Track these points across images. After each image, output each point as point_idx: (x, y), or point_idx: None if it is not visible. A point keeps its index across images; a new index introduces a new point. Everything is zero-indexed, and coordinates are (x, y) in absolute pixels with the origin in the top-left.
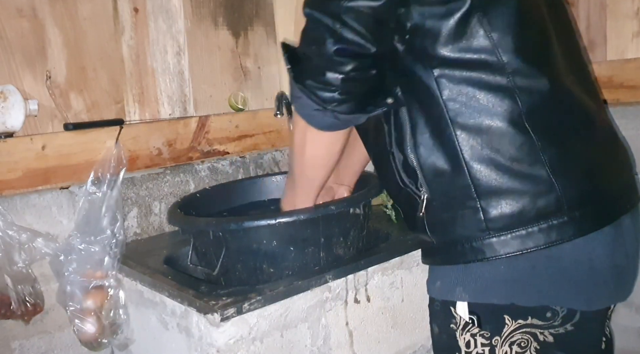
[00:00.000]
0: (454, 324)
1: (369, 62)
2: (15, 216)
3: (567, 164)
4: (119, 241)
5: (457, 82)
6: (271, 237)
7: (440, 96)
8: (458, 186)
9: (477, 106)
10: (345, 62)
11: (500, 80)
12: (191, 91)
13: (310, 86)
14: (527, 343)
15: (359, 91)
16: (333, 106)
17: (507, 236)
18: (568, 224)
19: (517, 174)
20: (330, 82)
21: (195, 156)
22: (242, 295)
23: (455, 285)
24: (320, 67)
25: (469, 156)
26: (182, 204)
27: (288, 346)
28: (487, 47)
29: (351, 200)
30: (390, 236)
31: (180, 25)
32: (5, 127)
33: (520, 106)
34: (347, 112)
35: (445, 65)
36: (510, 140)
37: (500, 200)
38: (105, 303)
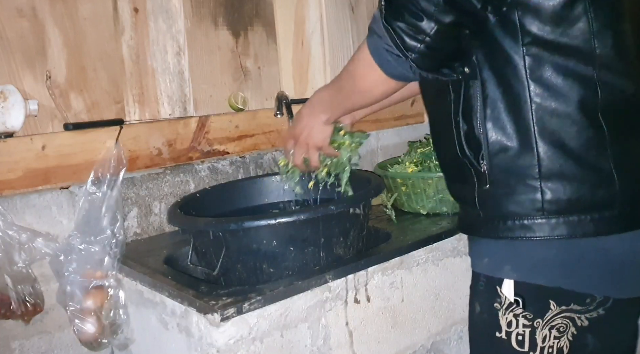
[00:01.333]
0: (498, 303)
1: (469, 21)
2: (15, 216)
3: (629, 162)
4: (119, 241)
5: (545, 63)
6: (271, 238)
7: (526, 73)
8: (522, 164)
9: (559, 90)
10: (449, 12)
11: (587, 71)
12: (191, 91)
13: (399, 29)
14: (565, 328)
15: (445, 47)
16: (413, 57)
17: (559, 219)
18: (618, 218)
19: (582, 162)
20: (424, 30)
21: (195, 156)
22: (242, 295)
23: (504, 262)
24: (421, 11)
25: (541, 137)
26: (182, 204)
27: (288, 346)
28: (585, 36)
29: (351, 200)
30: (390, 236)
31: (180, 25)
32: (5, 127)
33: (600, 99)
34: (423, 68)
35: (538, 44)
36: (582, 129)
37: (561, 184)
38: (105, 303)
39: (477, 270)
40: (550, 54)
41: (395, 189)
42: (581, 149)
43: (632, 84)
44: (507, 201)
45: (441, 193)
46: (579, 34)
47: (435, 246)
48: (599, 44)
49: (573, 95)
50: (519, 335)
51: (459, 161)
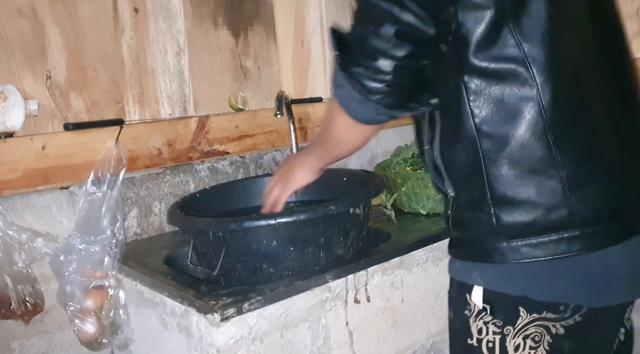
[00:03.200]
0: (468, 310)
1: (425, 50)
2: (15, 216)
3: (585, 182)
4: (119, 241)
5: (485, 90)
6: (271, 238)
7: (468, 102)
8: (477, 190)
9: (502, 115)
10: (403, 45)
11: (528, 92)
12: (191, 91)
13: (357, 74)
14: (540, 337)
15: (407, 82)
16: (378, 98)
17: (517, 243)
18: (579, 238)
19: (533, 185)
20: (381, 70)
21: (195, 156)
22: (242, 295)
23: (473, 269)
24: (375, 51)
25: (489, 163)
26: (182, 204)
27: (288, 346)
28: (517, 57)
29: (351, 200)
30: (390, 236)
31: (180, 25)
32: (5, 127)
33: (546, 119)
34: (390, 106)
35: (475, 72)
36: (531, 152)
37: (514, 209)
38: (105, 303)
39: (450, 274)
40: (488, 80)
41: (395, 189)
42: (531, 172)
43: (577, 98)
44: (471, 225)
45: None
46: (511, 56)
47: (435, 246)
48: (533, 64)
49: (518, 118)
50: (489, 342)
51: (436, 185)
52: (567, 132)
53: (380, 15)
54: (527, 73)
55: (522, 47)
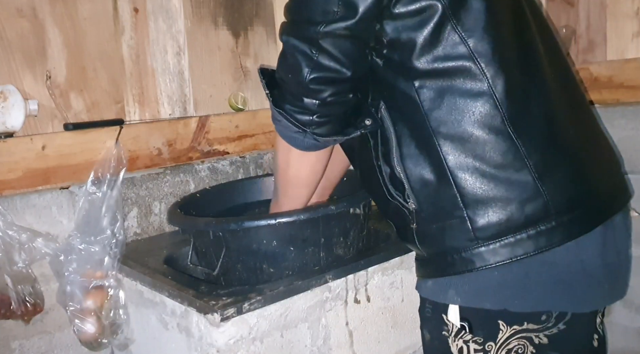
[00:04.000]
0: (445, 330)
1: (346, 87)
2: (15, 216)
3: (553, 169)
4: (119, 241)
5: (437, 92)
6: (271, 238)
7: (422, 106)
8: (444, 196)
9: (458, 114)
10: (322, 89)
11: (480, 87)
12: (191, 91)
13: (288, 110)
14: (524, 349)
15: (336, 113)
16: (312, 129)
17: (495, 244)
18: (557, 229)
19: (502, 181)
20: (308, 107)
21: (195, 156)
22: (242, 295)
23: (448, 287)
24: (298, 93)
25: (454, 165)
26: (182, 204)
27: (288, 346)
28: (464, 54)
29: (351, 200)
30: (390, 236)
31: (180, 25)
32: (5, 127)
33: (503, 112)
34: (326, 135)
35: (424, 76)
36: (494, 147)
37: (487, 208)
38: (105, 303)
39: (422, 294)
40: (439, 81)
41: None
42: (498, 168)
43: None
44: (442, 235)
45: None
46: (457, 54)
47: None
48: (480, 57)
49: (475, 114)
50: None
51: (391, 204)
52: (526, 121)
53: (299, 60)
54: (476, 68)
55: (467, 42)
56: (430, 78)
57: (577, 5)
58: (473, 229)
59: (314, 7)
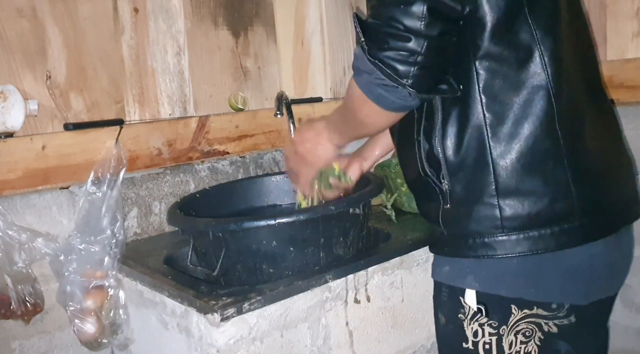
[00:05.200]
0: (462, 313)
1: (455, 28)
2: (15, 216)
3: (585, 172)
4: (119, 241)
5: (496, 77)
6: (271, 238)
7: (479, 89)
8: (480, 182)
9: (513, 103)
10: (435, 23)
11: (540, 81)
12: (191, 91)
13: (388, 58)
14: (531, 333)
15: (439, 62)
16: (410, 82)
17: (519, 235)
18: (577, 229)
19: (540, 176)
20: (414, 50)
21: (195, 156)
22: (242, 295)
23: (467, 273)
24: (407, 31)
25: (497, 154)
26: (182, 204)
27: (288, 346)
28: (531, 44)
29: (351, 200)
30: (390, 236)
31: (180, 25)
32: (5, 127)
33: (555, 109)
34: (422, 90)
35: (488, 57)
36: (539, 142)
37: (519, 200)
38: (105, 303)
39: (438, 279)
40: (501, 66)
41: (395, 189)
42: (538, 163)
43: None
44: (468, 219)
45: None
46: (525, 43)
47: None
48: (545, 51)
49: (529, 107)
50: (485, 344)
51: (422, 180)
52: (571, 123)
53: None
54: (540, 60)
55: (536, 34)
56: (494, 61)
57: None
58: (501, 218)
59: None
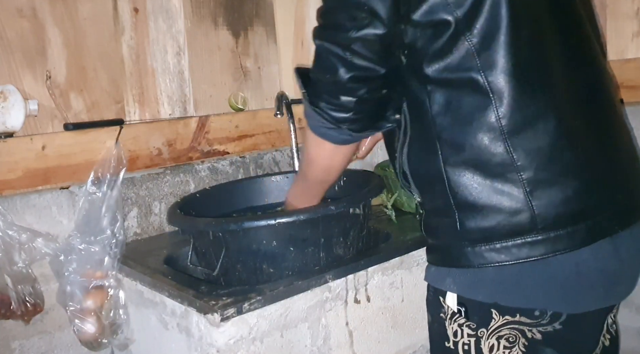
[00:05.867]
0: (443, 313)
1: (380, 83)
2: (15, 216)
3: (548, 185)
4: (119, 241)
5: (445, 99)
6: (271, 238)
7: (430, 111)
8: (440, 196)
9: (461, 123)
10: (358, 87)
11: (484, 100)
12: (191, 91)
13: (324, 108)
14: (515, 339)
15: (370, 110)
16: (347, 125)
17: (481, 247)
18: (541, 243)
19: (494, 191)
20: (344, 105)
21: (195, 156)
22: (242, 295)
23: (446, 275)
24: (335, 92)
25: (450, 170)
26: (182, 204)
27: (288, 346)
28: (473, 66)
29: (351, 200)
30: (390, 236)
31: (180, 25)
32: (5, 127)
33: (502, 125)
34: (360, 130)
35: (434, 82)
36: (489, 158)
37: (476, 214)
38: (105, 303)
39: (426, 280)
40: (446, 90)
41: (395, 189)
42: (491, 178)
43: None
44: (437, 230)
45: None
46: (467, 66)
47: None
48: (490, 73)
49: (474, 125)
50: (464, 345)
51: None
52: (525, 136)
53: (334, 62)
54: (483, 81)
55: (477, 56)
56: (439, 86)
57: None
58: (461, 231)
59: (343, 14)
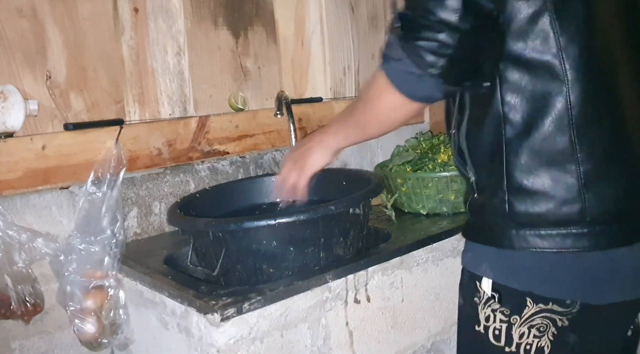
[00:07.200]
0: (477, 297)
1: (486, 24)
2: (15, 216)
3: (603, 180)
4: (119, 241)
5: (517, 79)
6: (271, 238)
7: (500, 89)
8: (495, 177)
9: (530, 105)
10: (467, 18)
11: (558, 86)
12: (191, 91)
13: (420, 47)
14: (546, 328)
15: (467, 57)
16: (438, 72)
17: (525, 231)
18: (586, 236)
19: (550, 177)
20: (445, 42)
21: (195, 156)
22: (242, 295)
23: (483, 261)
24: (441, 22)
25: (510, 151)
26: (182, 204)
27: (288, 346)
28: (552, 50)
29: (351, 200)
30: (390, 236)
31: (180, 25)
32: (5, 127)
33: (572, 115)
34: (449, 82)
35: (510, 59)
36: (552, 144)
37: (528, 198)
38: (105, 303)
39: (462, 263)
40: (521, 69)
41: (395, 189)
42: (549, 164)
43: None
44: (485, 210)
45: (441, 193)
46: (546, 48)
47: (435, 246)
48: (567, 58)
49: (544, 111)
50: (495, 330)
51: (459, 170)
52: (591, 129)
53: None
54: (560, 67)
55: (559, 41)
56: (515, 64)
57: None
58: (509, 213)
59: None
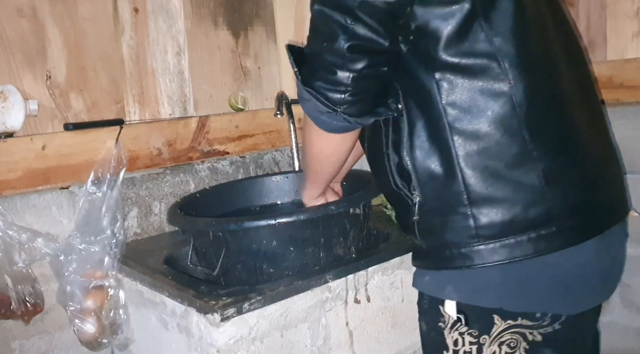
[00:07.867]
0: (442, 322)
1: (381, 59)
2: (15, 216)
3: (561, 175)
4: (119, 241)
5: (457, 87)
6: (271, 238)
7: (440, 100)
8: (450, 192)
9: (476, 112)
10: (358, 58)
11: (501, 87)
12: (191, 91)
13: (319, 88)
14: (516, 343)
15: (369, 90)
16: (343, 108)
17: (495, 244)
18: (556, 235)
19: (511, 182)
20: (341, 82)
21: (195, 156)
22: (242, 295)
23: (446, 283)
24: (332, 65)
25: (464, 162)
26: (182, 204)
27: (288, 346)
28: (488, 52)
29: (351, 200)
30: (390, 236)
31: (180, 25)
32: (5, 127)
33: (520, 114)
34: (357, 115)
35: (446, 68)
36: (506, 148)
37: (492, 208)
38: (105, 303)
39: (419, 288)
40: (461, 76)
41: None
42: (507, 168)
43: (548, 90)
44: (443, 229)
45: None
46: (482, 51)
47: None
48: (504, 58)
49: (490, 114)
50: (466, 353)
51: (396, 193)
52: (542, 126)
53: (333, 30)
54: (499, 68)
55: (493, 41)
56: (451, 72)
57: (577, 5)
58: (475, 227)
59: None
